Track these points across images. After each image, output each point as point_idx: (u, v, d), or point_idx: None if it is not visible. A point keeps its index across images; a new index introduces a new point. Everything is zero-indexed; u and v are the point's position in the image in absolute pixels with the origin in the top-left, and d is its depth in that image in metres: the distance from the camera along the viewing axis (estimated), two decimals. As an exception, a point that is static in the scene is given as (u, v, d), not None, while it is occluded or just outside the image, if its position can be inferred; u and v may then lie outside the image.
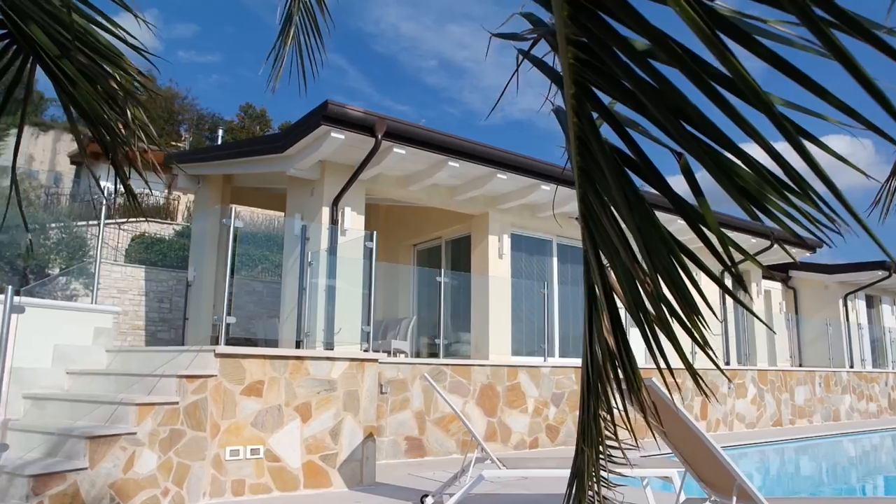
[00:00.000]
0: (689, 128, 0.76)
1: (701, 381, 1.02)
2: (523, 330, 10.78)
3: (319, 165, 9.29)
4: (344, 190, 9.18)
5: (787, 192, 0.74)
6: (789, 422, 12.39)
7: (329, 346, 8.41)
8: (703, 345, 0.94)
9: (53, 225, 14.98)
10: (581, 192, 0.91)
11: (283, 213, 11.72)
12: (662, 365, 1.07)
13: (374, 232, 7.71)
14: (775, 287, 18.16)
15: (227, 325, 5.76)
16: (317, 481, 5.43)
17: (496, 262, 10.74)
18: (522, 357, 10.38)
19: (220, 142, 25.54)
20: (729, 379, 11.24)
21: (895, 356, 18.32)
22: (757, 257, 13.49)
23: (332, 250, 9.20)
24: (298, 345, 8.44)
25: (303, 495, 5.28)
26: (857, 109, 0.70)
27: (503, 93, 0.92)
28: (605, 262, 1.00)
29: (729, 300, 14.88)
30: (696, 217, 0.82)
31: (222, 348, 5.09)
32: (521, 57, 0.92)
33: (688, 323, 0.93)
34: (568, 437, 8.71)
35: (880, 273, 16.94)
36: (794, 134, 0.71)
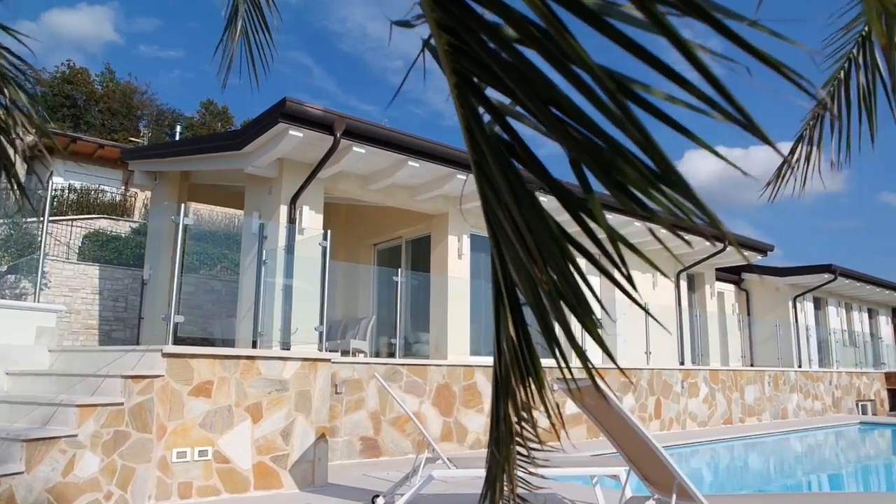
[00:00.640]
0: (565, 119, 0.76)
1: (599, 378, 1.03)
2: (482, 330, 10.83)
3: (278, 163, 9.19)
4: (302, 188, 9.10)
5: (663, 185, 0.74)
6: (739, 420, 12.71)
7: (286, 345, 8.32)
8: (603, 347, 0.96)
9: (2, 221, 14.48)
10: (479, 186, 0.92)
11: (242, 211, 11.56)
12: (571, 363, 1.08)
13: (329, 231, 7.65)
14: (729, 289, 18.63)
15: (176, 324, 5.65)
16: (267, 483, 5.36)
17: (455, 263, 10.77)
18: (481, 357, 10.43)
19: (178, 138, 25.04)
20: (632, 381, 11.47)
21: (839, 356, 18.96)
22: (710, 259, 13.79)
23: (290, 249, 9.11)
24: (255, 345, 8.33)
25: (253, 497, 5.21)
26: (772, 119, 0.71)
27: (403, 82, 0.93)
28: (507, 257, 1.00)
29: (685, 302, 15.20)
30: (582, 210, 0.82)
31: (170, 348, 4.99)
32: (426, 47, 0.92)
33: (584, 323, 0.94)
34: (523, 437, 8.78)
35: (826, 276, 17.52)
36: (638, 123, 0.72)
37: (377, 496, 4.86)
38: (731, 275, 18.41)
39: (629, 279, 0.84)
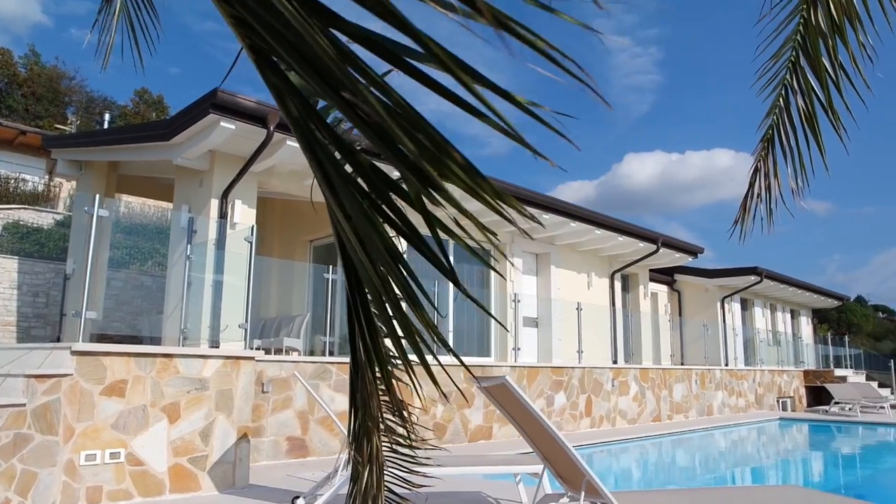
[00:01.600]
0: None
1: (412, 376, 1.00)
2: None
3: (209, 155, 8.91)
4: (234, 182, 8.85)
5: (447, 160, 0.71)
6: (668, 417, 13.09)
7: (215, 343, 8.08)
8: (445, 345, 0.92)
9: None
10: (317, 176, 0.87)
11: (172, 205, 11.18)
12: (434, 360, 1.04)
13: (255, 226, 7.47)
14: (662, 289, 19.18)
15: (88, 320, 5.39)
16: (184, 485, 5.17)
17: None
18: (413, 355, 10.40)
19: (106, 126, 24.01)
20: (476, 378, 11.71)
21: (763, 355, 19.80)
22: (645, 260, 14.12)
23: (221, 244, 8.85)
24: (180, 342, 8.05)
25: (168, 500, 5.02)
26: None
27: (234, 64, 0.87)
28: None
29: (619, 303, 15.55)
30: (395, 191, 0.78)
31: (80, 345, 4.74)
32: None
33: (420, 317, 0.90)
34: (454, 436, 8.79)
35: (753, 278, 18.26)
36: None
37: (297, 497, 4.75)
38: (664, 276, 18.95)
39: (450, 267, 0.81)
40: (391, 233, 0.82)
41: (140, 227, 18.14)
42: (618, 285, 15.64)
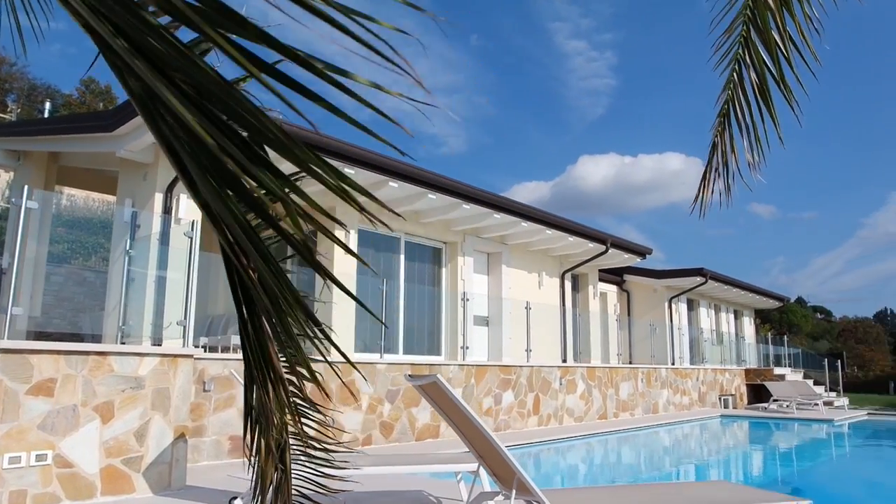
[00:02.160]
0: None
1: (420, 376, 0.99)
2: (368, 327, 10.74)
3: (153, 148, 8.68)
4: (179, 175, 8.64)
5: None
6: (614, 415, 13.34)
7: (157, 341, 7.87)
8: (328, 338, 0.91)
9: None
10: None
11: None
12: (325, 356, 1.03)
13: (196, 221, 7.33)
14: (611, 289, 19.53)
15: (14, 316, 5.18)
16: (117, 487, 5.02)
17: (342, 258, 10.61)
18: (366, 354, 10.35)
19: (46, 115, 23.12)
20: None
21: (707, 354, 20.37)
22: (595, 261, 14.30)
23: (165, 240, 8.62)
24: (120, 340, 7.81)
25: (99, 503, 4.86)
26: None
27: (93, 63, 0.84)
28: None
29: (569, 302, 15.77)
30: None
31: (4, 343, 4.56)
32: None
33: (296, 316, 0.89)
34: (402, 434, 8.77)
35: (698, 279, 18.76)
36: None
37: (235, 497, 4.66)
38: (614, 276, 19.30)
39: (312, 255, 0.81)
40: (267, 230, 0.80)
41: (83, 221, 17.55)
42: (568, 285, 15.86)
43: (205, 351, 8.56)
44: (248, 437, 1.29)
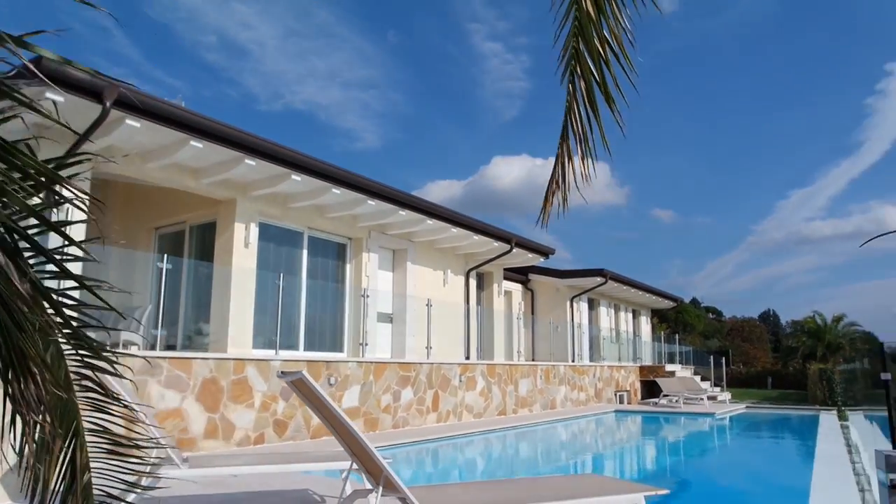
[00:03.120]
0: None
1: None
2: (268, 322, 10.49)
3: (34, 129, 8.09)
4: (63, 161, 8.10)
5: None
6: (513, 411, 13.67)
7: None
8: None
9: None
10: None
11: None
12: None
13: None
14: (516, 288, 19.99)
15: None
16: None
17: (241, 252, 10.31)
18: (265, 350, 10.10)
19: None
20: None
21: (606, 352, 21.24)
22: (500, 259, 14.55)
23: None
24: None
25: (-51, 510, 4.51)
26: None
27: None
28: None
29: (473, 300, 16.00)
30: None
31: None
32: None
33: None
34: (296, 432, 8.63)
35: (599, 279, 19.53)
36: None
37: (102, 502, 4.43)
38: (519, 275, 19.76)
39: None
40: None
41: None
42: (473, 283, 16.10)
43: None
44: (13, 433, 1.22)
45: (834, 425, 13.45)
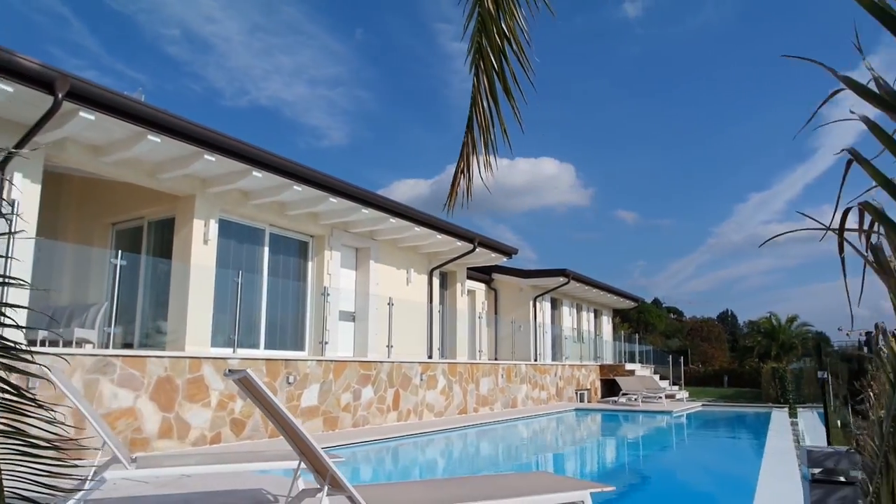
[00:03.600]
0: None
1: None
2: (228, 320, 10.36)
3: (-26, 117, 7.87)
4: (12, 153, 7.88)
5: None
6: (474, 410, 13.75)
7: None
8: None
9: None
10: None
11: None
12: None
13: (16, 201, 6.77)
14: (480, 287, 20.09)
15: None
16: None
17: (200, 248, 10.17)
18: (224, 349, 9.98)
19: None
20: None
21: (568, 351, 21.50)
22: (463, 258, 14.59)
23: (-8, 222, 7.86)
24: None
25: None
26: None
27: None
28: None
29: (436, 300, 16.04)
30: None
31: None
32: None
33: None
34: (254, 431, 8.56)
35: (561, 279, 19.75)
36: None
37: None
38: (482, 274, 19.86)
39: None
40: None
41: None
42: (436, 282, 16.14)
43: (44, 346, 7.90)
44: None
45: (784, 422, 13.86)
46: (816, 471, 2.38)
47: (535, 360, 19.18)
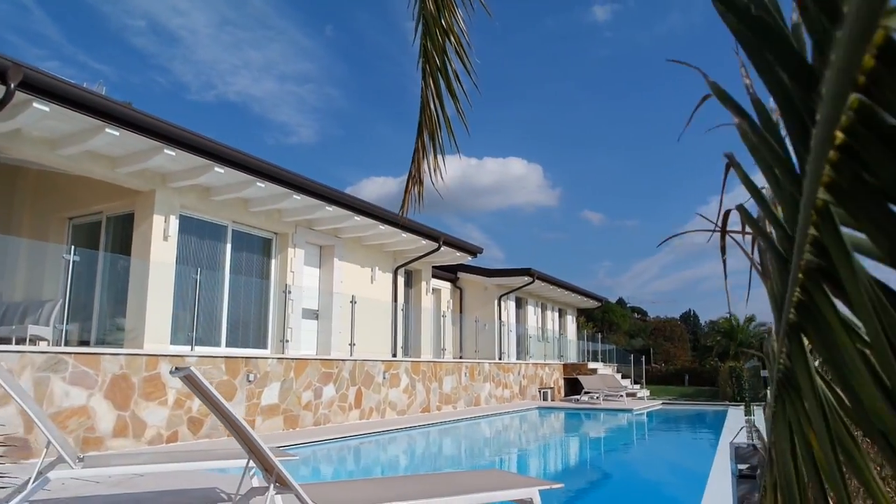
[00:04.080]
0: None
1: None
2: (188, 318, 10.22)
3: None
4: (-39, 143, 7.68)
5: None
6: (437, 408, 13.80)
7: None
8: None
9: None
10: None
11: None
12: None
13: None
14: (445, 286, 20.15)
15: None
16: None
17: (161, 245, 10.01)
18: (185, 346, 9.85)
19: None
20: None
21: (533, 350, 21.70)
22: (428, 257, 14.62)
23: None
24: None
25: None
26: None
27: None
28: None
29: (401, 299, 16.03)
30: None
31: None
32: None
33: None
34: (212, 430, 8.46)
35: (526, 278, 19.91)
36: None
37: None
38: (448, 273, 19.91)
39: None
40: None
41: None
42: (401, 280, 16.14)
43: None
44: None
45: (740, 420, 14.21)
46: (743, 466, 2.47)
47: (500, 358, 19.31)
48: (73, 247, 8.49)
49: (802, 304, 0.58)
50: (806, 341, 0.64)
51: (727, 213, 1.03)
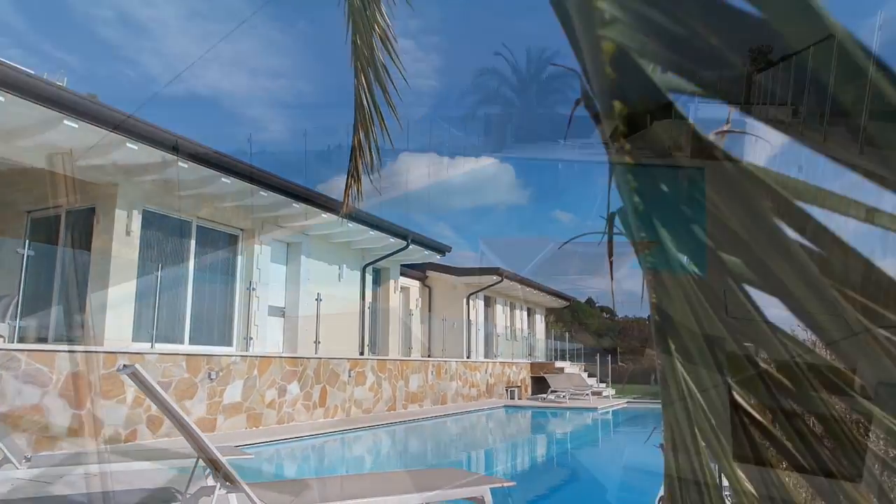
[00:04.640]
0: None
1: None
2: (151, 315, 10.07)
3: None
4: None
5: None
6: (403, 406, 13.80)
7: None
8: None
9: None
10: None
11: None
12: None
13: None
14: (414, 284, 20.15)
15: None
16: None
17: (122, 240, 9.84)
18: (145, 343, 9.70)
19: None
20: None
21: (501, 349, 21.83)
22: (396, 255, 14.61)
23: None
24: None
25: None
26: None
27: None
28: None
29: (369, 297, 16.01)
30: None
31: None
32: None
33: None
34: (172, 429, 8.33)
35: (495, 278, 20.02)
36: None
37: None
38: (417, 271, 19.91)
39: None
40: None
41: None
42: (369, 278, 16.10)
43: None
44: None
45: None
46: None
47: (467, 357, 19.38)
48: (27, 241, 8.30)
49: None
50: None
51: (612, 216, 1.08)
